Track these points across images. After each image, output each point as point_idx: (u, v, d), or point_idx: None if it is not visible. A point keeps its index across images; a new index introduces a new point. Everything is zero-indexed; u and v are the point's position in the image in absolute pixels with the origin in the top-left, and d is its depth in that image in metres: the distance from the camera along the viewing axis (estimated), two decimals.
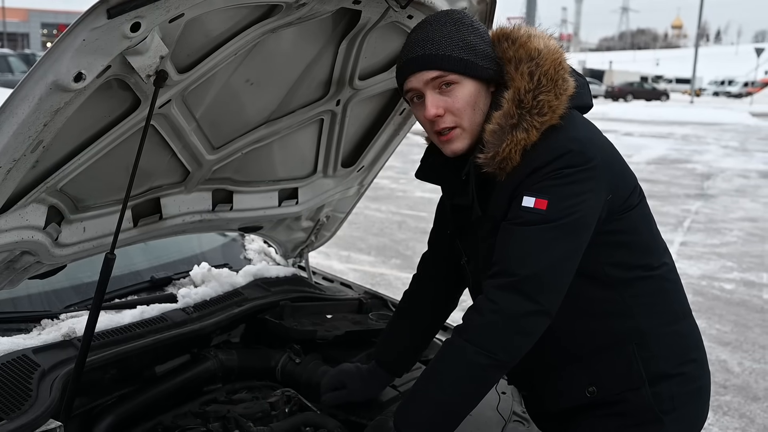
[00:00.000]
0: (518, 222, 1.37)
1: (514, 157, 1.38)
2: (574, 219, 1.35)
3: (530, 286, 1.34)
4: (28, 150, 1.27)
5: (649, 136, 18.69)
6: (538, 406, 1.67)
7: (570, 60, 1.49)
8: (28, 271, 1.66)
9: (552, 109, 1.39)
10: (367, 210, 8.18)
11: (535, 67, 1.40)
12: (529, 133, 1.37)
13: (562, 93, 1.40)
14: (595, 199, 1.38)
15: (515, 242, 1.37)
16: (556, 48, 1.44)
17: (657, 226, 1.57)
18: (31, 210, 1.53)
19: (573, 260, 1.38)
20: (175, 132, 1.70)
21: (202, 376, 1.95)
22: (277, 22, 1.53)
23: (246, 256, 2.60)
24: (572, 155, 1.36)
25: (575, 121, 1.44)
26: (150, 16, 1.20)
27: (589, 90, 1.55)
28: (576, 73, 1.50)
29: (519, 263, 1.35)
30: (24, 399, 1.48)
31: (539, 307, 1.34)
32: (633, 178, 1.52)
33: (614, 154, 1.48)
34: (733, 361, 4.56)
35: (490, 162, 1.40)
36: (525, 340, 1.37)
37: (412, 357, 1.83)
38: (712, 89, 58.13)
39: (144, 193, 1.83)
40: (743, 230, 8.39)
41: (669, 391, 1.47)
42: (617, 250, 1.46)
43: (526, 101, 1.38)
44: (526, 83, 1.39)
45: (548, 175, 1.36)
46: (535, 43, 1.43)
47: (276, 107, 1.89)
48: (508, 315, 1.34)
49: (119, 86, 1.42)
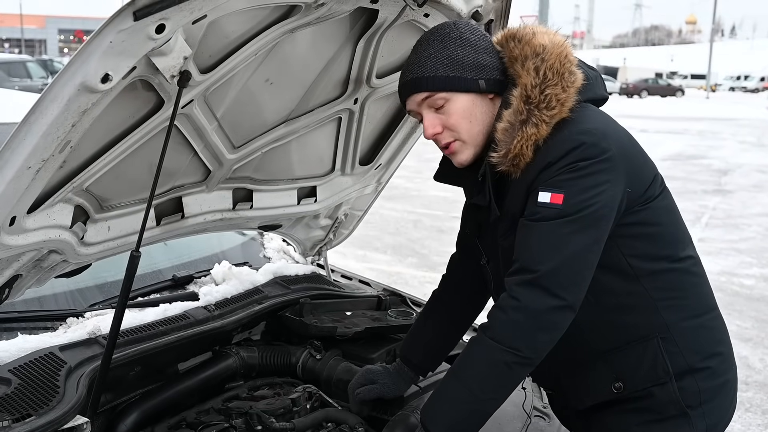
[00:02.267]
0: (535, 218, 1.38)
1: (526, 152, 1.39)
2: (591, 212, 1.36)
3: (551, 281, 1.35)
4: (57, 150, 1.30)
5: (664, 132, 18.54)
6: (563, 404, 1.67)
7: (581, 55, 1.50)
8: (54, 269, 1.70)
9: (560, 102, 1.39)
10: (383, 209, 8.19)
11: (540, 63, 1.41)
12: (539, 127, 1.38)
13: (569, 86, 1.41)
14: (612, 190, 1.38)
15: (533, 238, 1.38)
16: (561, 42, 1.45)
17: (681, 218, 1.56)
18: (58, 209, 1.56)
19: (593, 253, 1.38)
20: (197, 132, 1.72)
21: (223, 373, 1.97)
22: (297, 23, 1.55)
23: (265, 255, 2.63)
24: (585, 147, 1.37)
25: (587, 113, 1.44)
26: (174, 18, 1.23)
27: (603, 82, 1.55)
28: (586, 66, 1.51)
29: (538, 259, 1.36)
30: (52, 396, 1.51)
31: (562, 302, 1.35)
32: (653, 169, 1.51)
33: (631, 145, 1.47)
34: (755, 357, 4.53)
35: (503, 160, 1.41)
36: (549, 335, 1.37)
37: (437, 357, 1.83)
38: (727, 85, 57.49)
39: (166, 192, 1.86)
40: (762, 225, 8.31)
41: (695, 385, 1.46)
42: (639, 241, 1.46)
43: (533, 96, 1.39)
44: (533, 79, 1.40)
45: (563, 170, 1.36)
46: (540, 39, 1.45)
47: (295, 106, 1.91)
48: (531, 311, 1.35)
49: (144, 87, 1.44)
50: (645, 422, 1.47)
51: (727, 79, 60.08)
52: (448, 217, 8.21)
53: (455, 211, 9.98)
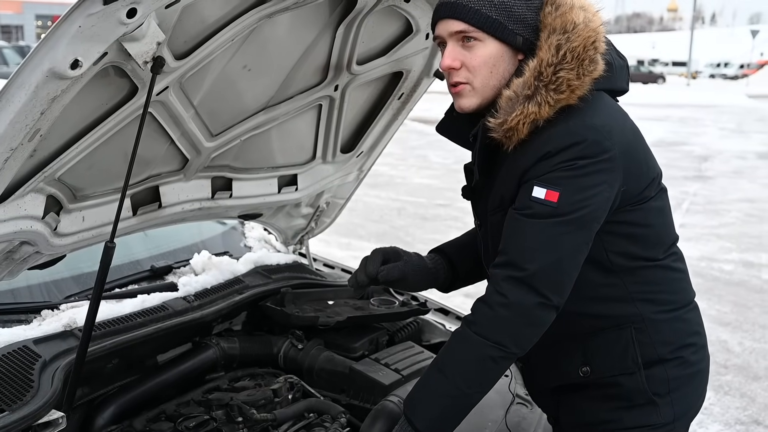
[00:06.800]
0: (528, 213, 1.34)
1: (521, 129, 1.34)
2: (584, 213, 1.33)
3: (539, 281, 1.33)
4: (26, 139, 1.26)
5: (646, 119, 18.64)
6: (532, 381, 1.68)
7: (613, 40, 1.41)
8: (27, 261, 1.66)
9: (571, 89, 1.33)
10: (366, 197, 8.16)
11: (564, 41, 1.34)
12: (541, 107, 1.33)
13: (586, 74, 1.34)
14: (608, 191, 1.35)
15: (524, 234, 1.35)
16: (594, 27, 1.36)
17: (672, 218, 1.53)
18: (30, 200, 1.52)
19: (582, 253, 1.36)
20: (173, 119, 1.68)
21: (204, 364, 1.96)
22: (274, 7, 1.52)
23: (246, 244, 2.60)
24: (587, 145, 1.32)
25: (598, 105, 1.38)
26: (146, 2, 1.19)
27: (627, 73, 1.49)
28: (615, 53, 1.44)
29: (528, 257, 1.34)
30: (26, 390, 1.48)
31: (548, 301, 1.34)
32: (654, 170, 1.47)
33: (636, 143, 1.43)
34: (734, 341, 4.58)
35: (497, 128, 1.37)
36: (535, 331, 1.36)
37: (468, 259, 1.70)
38: (708, 72, 57.94)
39: (143, 181, 1.82)
40: (741, 211, 8.40)
41: (664, 374, 1.46)
42: (623, 240, 1.43)
43: (545, 75, 1.33)
44: (551, 56, 1.34)
45: (560, 165, 1.32)
46: (575, 15, 1.36)
47: (274, 93, 1.88)
48: (517, 309, 1.33)
49: (116, 73, 1.40)
50: (613, 409, 1.47)
51: (707, 66, 60.54)
52: (432, 205, 8.21)
53: (439, 198, 10.00)
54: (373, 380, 1.88)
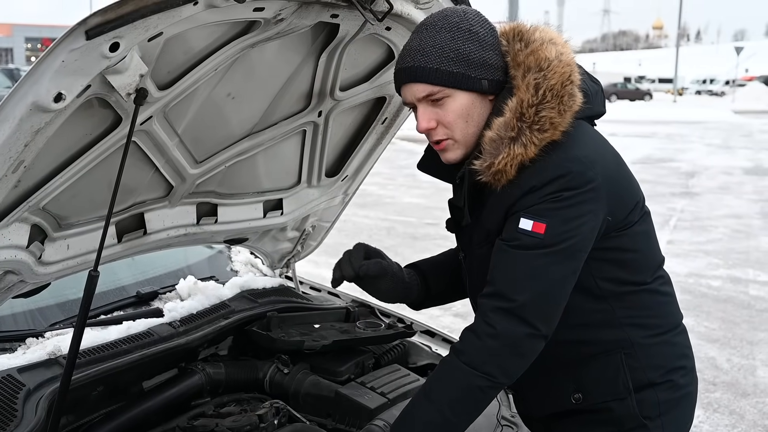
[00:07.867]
0: (515, 245, 1.36)
1: (509, 170, 1.35)
2: (571, 243, 1.34)
3: (527, 312, 1.34)
4: (10, 170, 1.27)
5: (633, 136, 18.82)
6: (524, 407, 1.69)
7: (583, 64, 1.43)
8: (11, 290, 1.66)
9: (554, 126, 1.35)
10: (355, 216, 8.18)
11: (542, 79, 1.35)
12: (527, 148, 1.34)
13: (566, 110, 1.36)
14: (594, 220, 1.37)
15: (512, 266, 1.36)
16: (568, 60, 1.38)
17: (657, 241, 1.55)
18: (14, 229, 1.52)
19: (570, 282, 1.38)
20: (158, 148, 1.70)
21: (189, 390, 1.95)
22: (257, 38, 1.54)
23: (232, 268, 2.60)
24: (572, 177, 1.34)
25: (579, 136, 1.39)
26: (129, 36, 1.21)
27: (603, 96, 1.51)
28: (589, 79, 1.46)
29: (516, 288, 1.35)
30: (9, 419, 1.48)
31: (536, 332, 1.35)
32: (637, 194, 1.49)
33: (618, 170, 1.45)
34: (722, 357, 4.60)
35: (485, 171, 1.38)
36: (523, 361, 1.38)
37: (442, 276, 1.76)
38: (694, 88, 58.64)
39: (128, 208, 1.83)
40: (728, 227, 8.47)
41: (654, 398, 1.47)
42: (610, 265, 1.45)
43: (527, 115, 1.34)
44: (531, 96, 1.34)
45: (547, 198, 1.34)
46: (547, 51, 1.37)
47: (258, 120, 1.90)
48: (506, 339, 1.35)
49: (100, 105, 1.42)
50: None
51: (693, 82, 61.27)
52: (421, 224, 8.23)
53: (429, 218, 9.97)
54: (358, 404, 1.88)
